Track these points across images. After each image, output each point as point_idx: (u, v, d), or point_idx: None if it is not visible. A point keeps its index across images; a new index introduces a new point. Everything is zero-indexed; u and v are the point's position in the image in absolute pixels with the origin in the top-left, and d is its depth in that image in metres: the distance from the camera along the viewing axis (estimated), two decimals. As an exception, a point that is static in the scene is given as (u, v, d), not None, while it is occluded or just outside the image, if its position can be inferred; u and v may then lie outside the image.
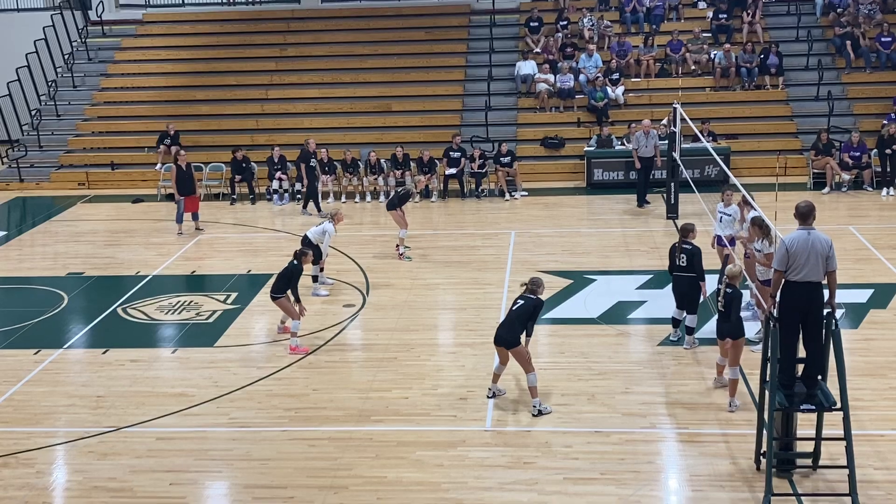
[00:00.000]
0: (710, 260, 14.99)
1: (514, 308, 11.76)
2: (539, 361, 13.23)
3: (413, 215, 20.79)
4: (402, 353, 13.68)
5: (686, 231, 13.52)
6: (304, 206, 21.78)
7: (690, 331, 13.54)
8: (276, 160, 22.78)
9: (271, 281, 16.54)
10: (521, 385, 12.39)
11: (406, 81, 26.81)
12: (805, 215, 9.64)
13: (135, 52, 28.98)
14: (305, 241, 15.96)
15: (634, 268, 17.05)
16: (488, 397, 12.15)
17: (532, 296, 11.75)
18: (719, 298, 11.86)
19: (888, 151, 21.67)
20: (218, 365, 13.54)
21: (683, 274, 13.36)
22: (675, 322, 13.73)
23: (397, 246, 18.05)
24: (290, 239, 19.70)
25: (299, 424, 11.67)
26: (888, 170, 21.87)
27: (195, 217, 20.42)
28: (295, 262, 14.08)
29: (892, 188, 21.83)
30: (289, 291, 13.90)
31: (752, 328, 13.87)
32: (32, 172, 25.59)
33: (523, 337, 11.70)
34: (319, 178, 22.22)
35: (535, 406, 11.68)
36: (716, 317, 14.30)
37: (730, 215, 15.08)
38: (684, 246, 13.34)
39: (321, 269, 16.48)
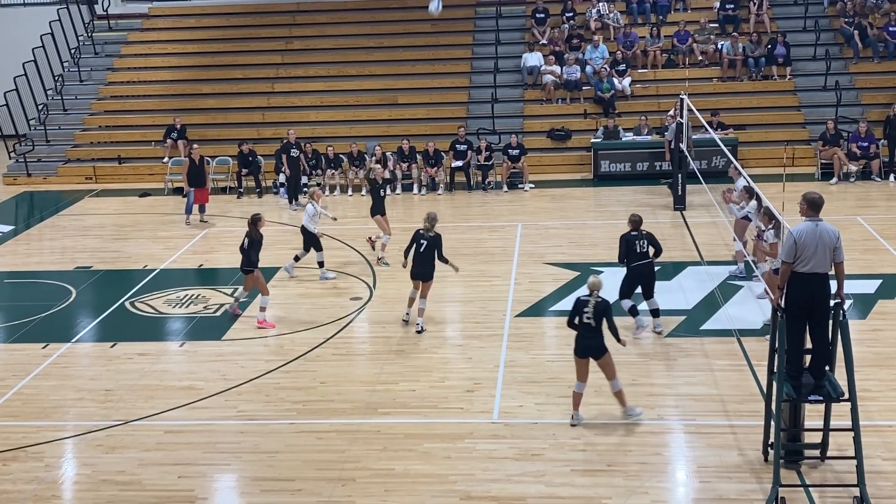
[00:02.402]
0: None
1: (420, 250, 14.00)
2: (546, 353, 13.30)
3: (420, 208, 20.77)
4: (410, 346, 13.69)
5: (638, 222, 13.69)
6: (293, 200, 21.76)
7: (658, 313, 13.74)
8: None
9: (279, 274, 16.73)
10: (528, 377, 12.41)
11: (412, 74, 26.78)
12: (819, 206, 9.58)
13: (141, 46, 29.00)
14: (303, 230, 16.50)
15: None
16: (403, 319, 14.19)
17: (431, 234, 14.00)
18: (586, 309, 10.94)
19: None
20: (226, 358, 13.57)
21: (646, 261, 13.58)
22: (635, 309, 13.76)
23: (378, 255, 17.62)
24: (296, 232, 19.67)
25: (307, 417, 11.70)
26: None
27: (202, 209, 20.49)
28: (255, 236, 14.84)
29: None
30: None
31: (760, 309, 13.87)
32: (40, 167, 25.65)
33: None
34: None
35: (419, 324, 14.07)
36: (720, 310, 14.37)
37: (752, 211, 15.24)
38: (641, 233, 13.59)
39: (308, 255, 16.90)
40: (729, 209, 15.96)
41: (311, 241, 16.58)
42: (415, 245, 14.05)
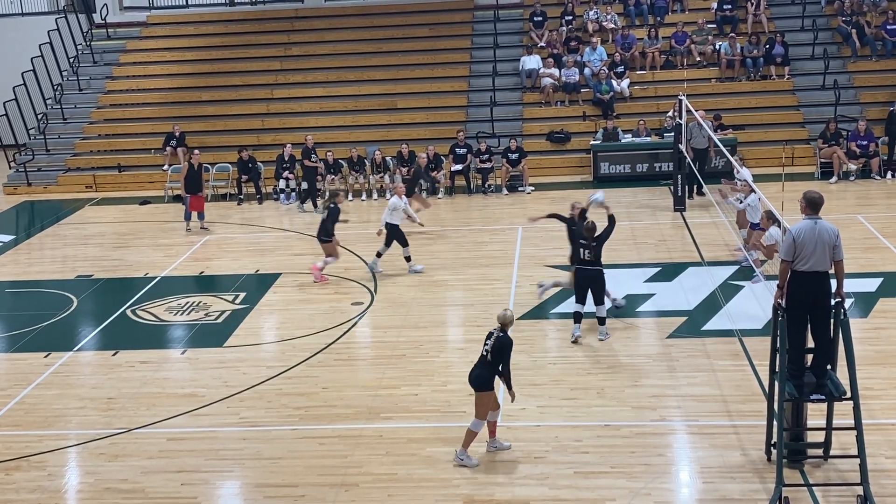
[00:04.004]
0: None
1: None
2: (548, 356, 13.30)
3: (420, 212, 20.71)
4: (411, 350, 13.69)
5: (591, 229, 13.63)
6: (303, 202, 21.93)
7: (603, 321, 13.67)
8: (286, 158, 22.82)
9: (278, 279, 16.74)
10: (530, 380, 12.40)
11: (411, 78, 26.81)
12: (818, 205, 9.57)
13: (139, 55, 29.05)
14: (387, 226, 16.84)
15: (642, 261, 17.03)
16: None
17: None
18: (488, 342, 10.41)
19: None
20: (228, 365, 13.56)
21: (589, 267, 13.54)
22: (578, 317, 13.65)
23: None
24: (298, 238, 19.74)
25: (309, 423, 11.69)
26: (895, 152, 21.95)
27: (201, 217, 20.52)
28: (332, 204, 16.50)
29: None
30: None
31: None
32: (40, 176, 25.67)
33: None
34: (325, 176, 22.37)
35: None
36: (721, 311, 14.38)
37: (751, 205, 15.39)
38: (590, 243, 13.53)
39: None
40: (729, 201, 16.13)
41: (394, 234, 16.86)
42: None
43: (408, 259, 16.99)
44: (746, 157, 22.73)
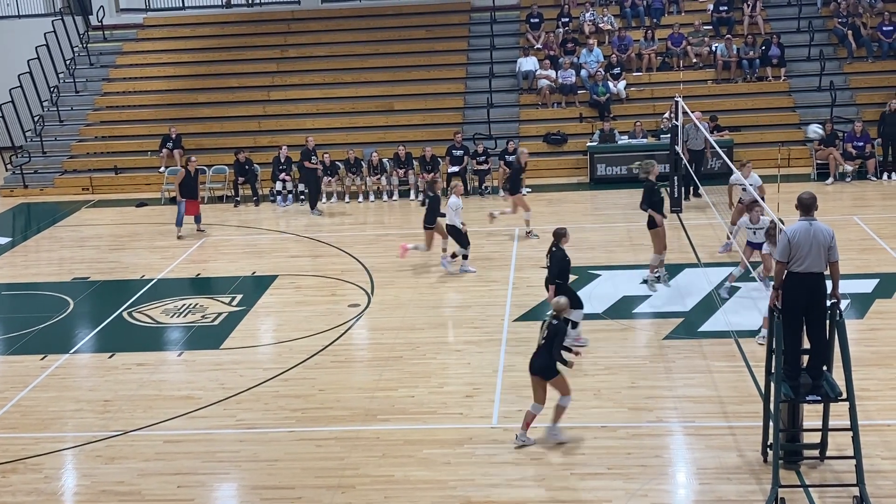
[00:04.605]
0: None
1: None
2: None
3: (418, 214, 20.69)
4: (408, 352, 13.69)
5: (559, 235, 13.48)
6: (313, 207, 21.85)
7: (575, 325, 13.42)
8: (282, 160, 22.80)
9: (275, 281, 16.73)
10: (527, 381, 12.36)
11: (407, 80, 26.80)
12: (808, 206, 9.60)
13: (136, 57, 29.01)
14: (450, 228, 16.81)
15: (639, 262, 17.00)
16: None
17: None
18: (543, 329, 10.78)
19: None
20: (224, 367, 13.56)
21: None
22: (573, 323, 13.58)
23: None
24: (294, 240, 19.73)
25: (306, 425, 11.69)
26: (891, 153, 21.91)
27: (197, 220, 20.49)
28: (430, 194, 17.06)
29: (894, 173, 21.91)
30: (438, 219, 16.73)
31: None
32: (36, 178, 25.63)
33: None
34: (322, 178, 22.31)
35: None
36: (718, 312, 14.40)
37: (761, 228, 15.04)
38: (552, 249, 13.41)
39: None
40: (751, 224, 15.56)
41: (455, 236, 16.80)
42: None
43: (465, 258, 16.96)
44: (743, 158, 22.68)
